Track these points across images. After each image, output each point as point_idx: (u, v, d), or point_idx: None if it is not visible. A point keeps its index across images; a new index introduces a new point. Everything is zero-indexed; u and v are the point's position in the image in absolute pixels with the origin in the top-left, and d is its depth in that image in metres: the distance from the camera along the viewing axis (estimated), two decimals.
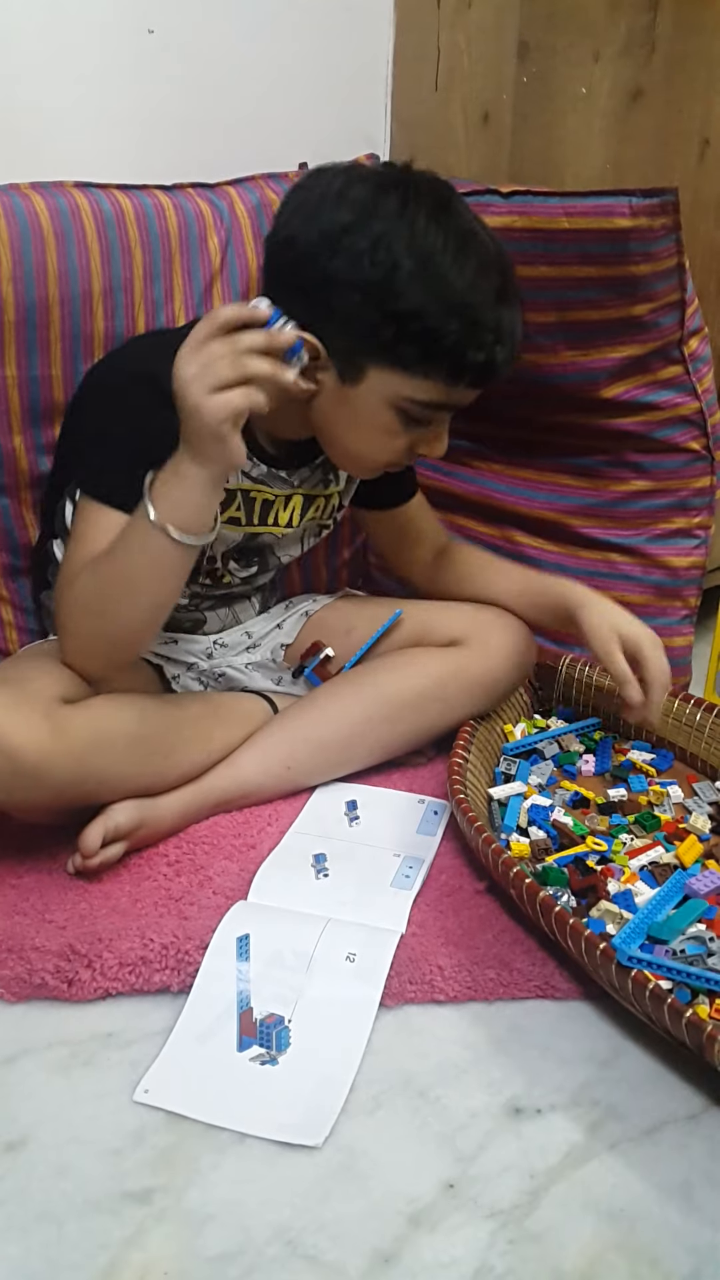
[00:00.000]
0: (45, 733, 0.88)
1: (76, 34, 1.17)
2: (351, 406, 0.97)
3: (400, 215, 0.90)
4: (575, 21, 1.25)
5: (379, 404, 0.96)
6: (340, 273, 0.91)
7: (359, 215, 0.90)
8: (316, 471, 1.10)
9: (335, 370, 0.95)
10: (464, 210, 0.95)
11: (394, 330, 0.91)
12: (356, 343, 0.93)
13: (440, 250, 0.90)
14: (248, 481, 1.05)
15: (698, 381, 1.21)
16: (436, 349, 0.92)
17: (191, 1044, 0.81)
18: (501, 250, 0.96)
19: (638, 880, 0.96)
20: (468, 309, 0.91)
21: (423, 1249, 0.68)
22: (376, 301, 0.90)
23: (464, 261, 0.91)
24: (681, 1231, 0.69)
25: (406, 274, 0.89)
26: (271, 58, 1.31)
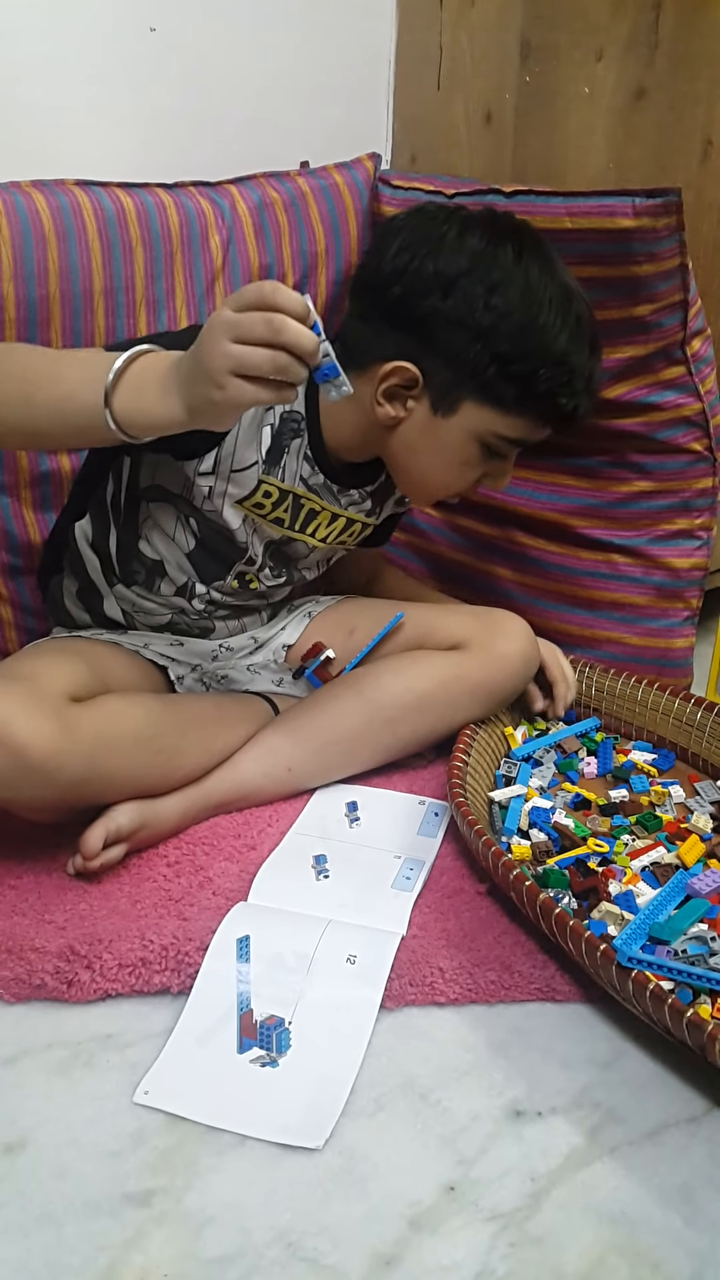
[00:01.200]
0: (54, 731, 0.88)
1: (78, 32, 1.17)
2: (438, 436, 1.01)
3: (516, 265, 0.97)
4: (578, 21, 1.25)
5: (466, 437, 1.01)
6: (452, 312, 0.96)
7: (476, 262, 0.96)
8: (367, 500, 1.11)
9: (429, 401, 1.00)
10: (562, 266, 1.02)
11: (497, 370, 0.97)
12: (457, 378, 0.99)
13: (548, 303, 0.97)
14: (302, 487, 1.06)
15: (700, 382, 1.21)
16: (533, 392, 0.98)
17: (191, 1046, 0.80)
18: (589, 305, 1.02)
19: (639, 881, 0.96)
20: (566, 358, 0.98)
21: (423, 1252, 0.67)
22: (485, 342, 0.96)
23: (566, 315, 0.98)
24: (683, 1234, 0.69)
25: (517, 321, 0.96)
26: (273, 56, 1.31)
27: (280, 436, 1.03)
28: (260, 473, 1.02)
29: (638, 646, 1.30)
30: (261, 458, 1.01)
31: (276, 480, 1.04)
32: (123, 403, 0.80)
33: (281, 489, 1.04)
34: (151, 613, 1.10)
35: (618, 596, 1.30)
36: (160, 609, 1.10)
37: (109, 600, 1.10)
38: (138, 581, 1.09)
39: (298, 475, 1.05)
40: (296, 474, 1.05)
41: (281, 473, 1.04)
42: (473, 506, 1.38)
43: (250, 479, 1.02)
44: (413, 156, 1.43)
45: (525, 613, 1.19)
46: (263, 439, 1.01)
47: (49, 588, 1.16)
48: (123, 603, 1.10)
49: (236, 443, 1.00)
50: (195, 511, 1.03)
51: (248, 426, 1.00)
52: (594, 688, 1.25)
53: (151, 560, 1.07)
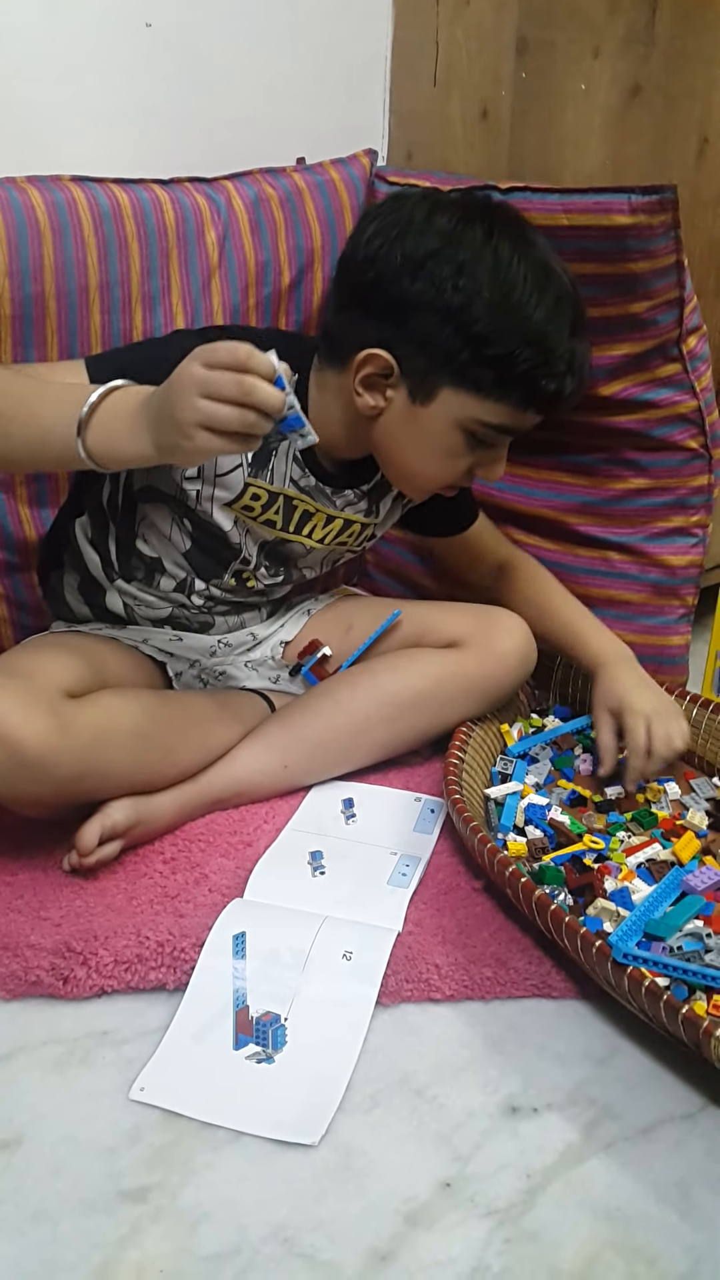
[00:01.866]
0: (49, 727, 0.88)
1: (74, 28, 1.17)
2: (419, 425, 0.99)
3: (485, 244, 0.94)
4: (574, 18, 1.25)
5: (447, 424, 0.98)
6: (422, 295, 0.94)
7: (444, 242, 0.94)
8: (363, 500, 1.10)
9: (406, 389, 0.98)
10: (542, 244, 0.98)
11: (471, 353, 0.94)
12: (432, 363, 0.96)
13: (521, 280, 0.94)
14: (294, 489, 1.05)
15: (696, 380, 1.21)
16: (511, 374, 0.95)
17: (187, 1042, 0.80)
18: (575, 284, 0.99)
19: (635, 878, 0.96)
20: (544, 338, 0.94)
21: (419, 1248, 0.67)
22: (457, 325, 0.94)
23: (543, 293, 0.94)
24: (678, 1230, 0.69)
25: (487, 300, 0.93)
26: (270, 52, 1.31)
27: (267, 439, 1.00)
28: (246, 475, 1.01)
29: (634, 643, 1.29)
30: (246, 461, 1.01)
31: (264, 483, 1.03)
32: (95, 439, 0.83)
33: (270, 491, 1.04)
34: (152, 606, 1.10)
35: (614, 594, 1.30)
36: (160, 603, 1.10)
37: (110, 594, 1.10)
38: (137, 578, 1.09)
39: (287, 477, 1.04)
40: (286, 476, 1.04)
41: (270, 475, 1.03)
42: None
43: (236, 482, 1.01)
44: (409, 153, 1.43)
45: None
46: None
47: (49, 582, 1.16)
48: (124, 596, 1.10)
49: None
50: (189, 512, 1.03)
51: None
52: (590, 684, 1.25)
53: (150, 558, 1.07)
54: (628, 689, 1.10)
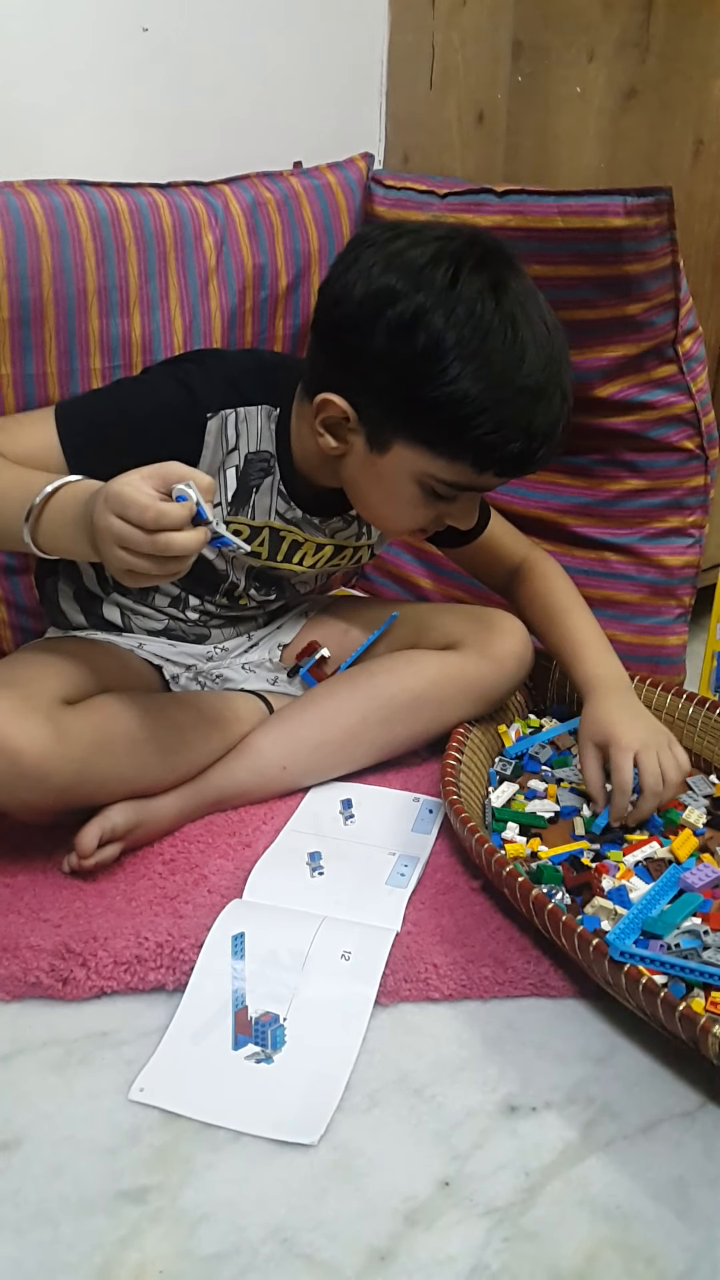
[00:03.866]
0: (47, 735, 0.88)
1: (71, 31, 1.17)
2: (377, 473, 0.96)
3: (448, 290, 0.87)
4: (569, 21, 1.25)
5: (404, 477, 0.95)
6: (376, 345, 0.89)
7: (406, 284, 0.88)
8: (352, 524, 1.10)
9: (364, 436, 0.95)
10: (520, 290, 0.90)
11: (423, 411, 0.89)
12: (385, 416, 0.93)
13: (482, 334, 0.87)
14: (280, 522, 1.05)
15: (692, 381, 1.21)
16: (465, 437, 0.89)
17: (186, 1043, 0.81)
18: (554, 338, 0.92)
19: (632, 876, 0.96)
20: (501, 405, 0.88)
21: (418, 1247, 0.68)
22: (407, 380, 0.88)
23: (508, 350, 0.87)
24: (677, 1229, 0.69)
25: (443, 356, 0.86)
26: (266, 56, 1.31)
27: (247, 478, 1.01)
28: (226, 514, 1.02)
29: (631, 644, 1.30)
30: (226, 501, 1.01)
31: (246, 519, 1.03)
32: (43, 534, 0.84)
33: (253, 526, 1.04)
34: (148, 617, 1.10)
35: (611, 594, 1.30)
36: (156, 615, 1.10)
37: (107, 604, 1.10)
38: (132, 594, 1.09)
39: (272, 511, 1.04)
40: (270, 510, 1.04)
41: (251, 511, 1.03)
42: None
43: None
44: (405, 156, 1.43)
45: None
46: (226, 482, 1.01)
47: (45, 589, 1.16)
48: (120, 607, 1.10)
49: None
50: None
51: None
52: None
53: None
54: (614, 720, 1.02)
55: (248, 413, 1.00)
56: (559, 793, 1.10)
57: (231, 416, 0.98)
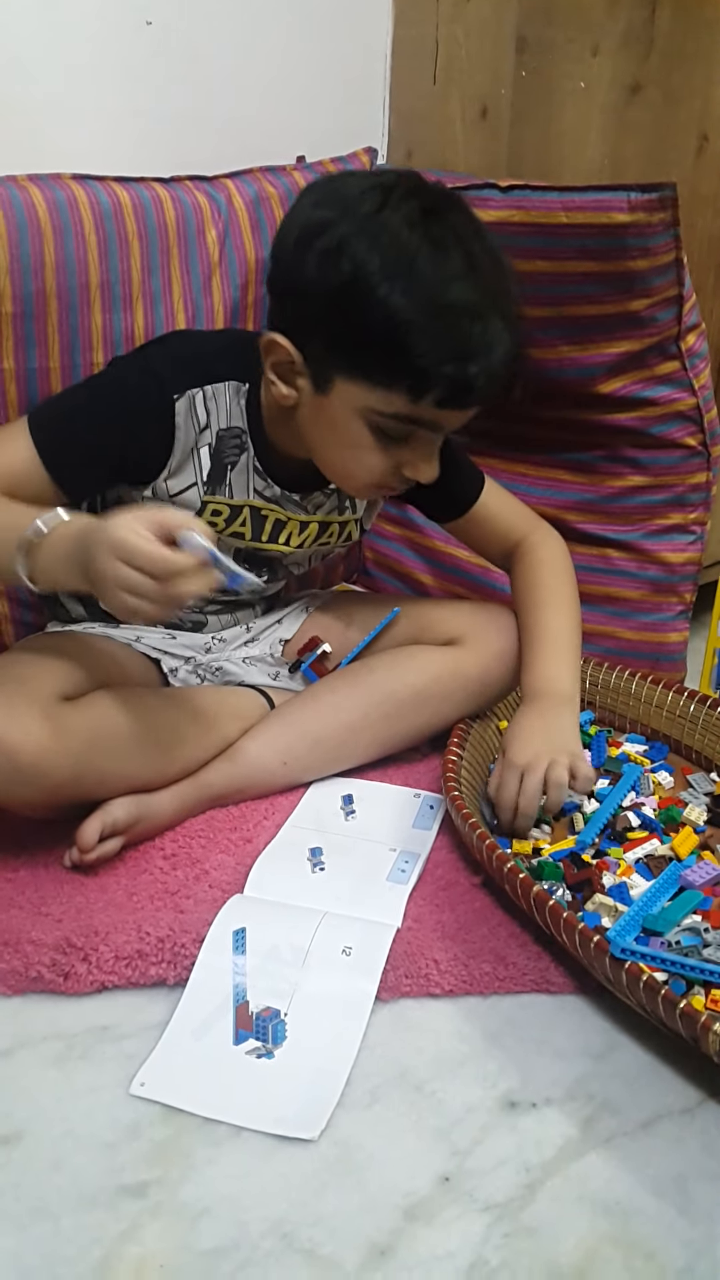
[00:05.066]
0: (44, 732, 0.88)
1: (74, 26, 1.17)
2: (327, 417, 0.95)
3: (373, 216, 0.87)
4: (574, 16, 1.25)
5: (349, 416, 0.93)
6: (308, 276, 0.89)
7: (334, 215, 0.88)
8: (332, 497, 1.10)
9: (309, 378, 0.94)
10: (457, 219, 0.90)
11: (354, 338, 0.88)
12: (323, 349, 0.91)
13: (408, 256, 0.85)
14: (259, 500, 1.05)
15: (694, 377, 1.21)
16: (397, 361, 0.87)
17: (187, 1038, 0.81)
18: (498, 266, 0.91)
19: (633, 873, 0.96)
20: (430, 321, 0.86)
21: (418, 1242, 0.68)
22: (337, 307, 0.87)
23: (435, 270, 0.86)
24: (676, 1225, 0.69)
25: (367, 279, 0.85)
26: (270, 50, 1.31)
27: (220, 455, 1.00)
28: (202, 494, 1.02)
29: (632, 640, 1.30)
30: (201, 480, 1.01)
31: (224, 499, 1.03)
32: (39, 574, 0.86)
33: (232, 505, 1.04)
34: None
35: (612, 591, 1.30)
36: None
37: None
38: None
39: (250, 489, 1.04)
40: (248, 488, 1.04)
41: (228, 490, 1.03)
42: None
43: (192, 500, 1.02)
44: (408, 151, 1.43)
45: None
46: (200, 462, 1.00)
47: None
48: None
49: (168, 475, 1.00)
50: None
51: (179, 458, 0.99)
52: (588, 681, 1.25)
53: None
54: (514, 736, 1.01)
55: (215, 389, 0.99)
56: None
57: (199, 395, 0.98)
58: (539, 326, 1.19)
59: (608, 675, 1.24)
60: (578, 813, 1.06)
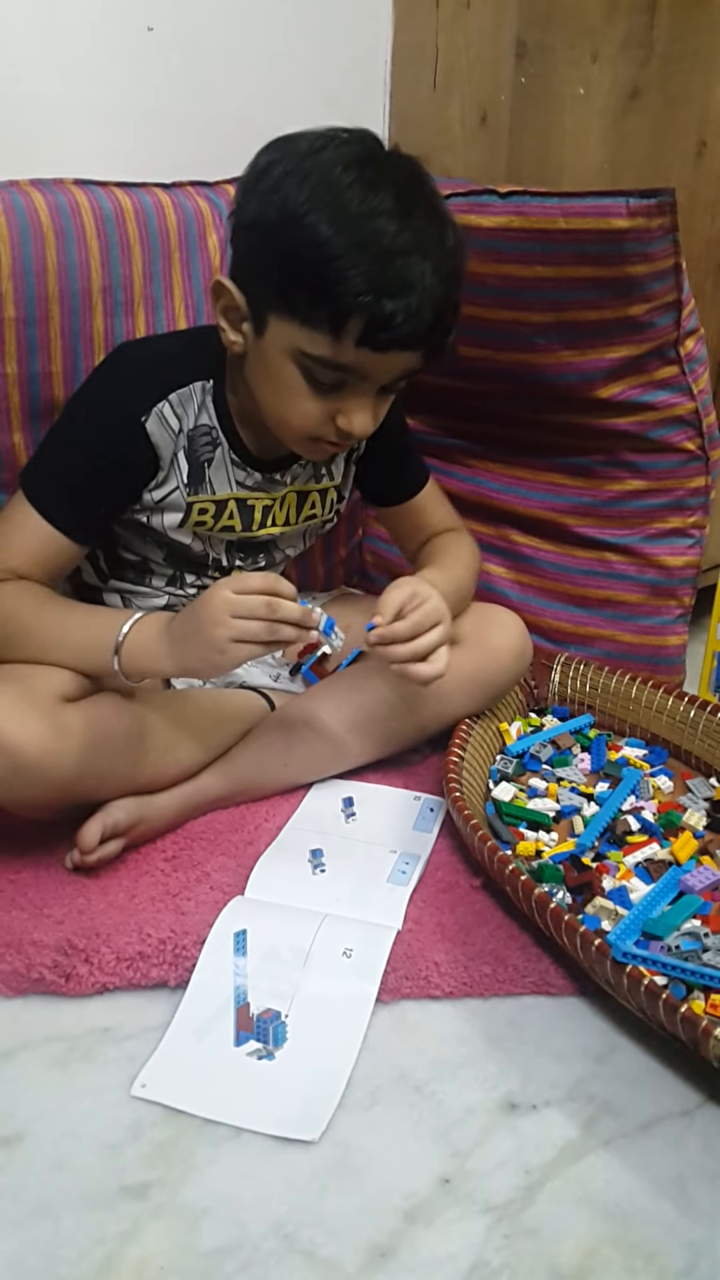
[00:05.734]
0: (46, 732, 0.88)
1: (76, 31, 1.17)
2: (264, 362, 0.94)
3: (310, 155, 0.87)
4: (573, 22, 1.26)
5: (281, 358, 0.92)
6: (248, 218, 0.90)
7: (274, 159, 0.89)
8: (308, 467, 1.10)
9: (251, 322, 0.94)
10: (400, 170, 0.89)
11: (280, 271, 0.88)
12: (259, 288, 0.91)
13: (336, 190, 0.85)
14: (243, 491, 1.05)
15: (693, 382, 1.21)
16: (317, 292, 0.86)
17: (188, 1039, 0.81)
18: (436, 216, 0.90)
19: (633, 877, 0.96)
20: (349, 250, 0.84)
21: (419, 1244, 0.68)
22: (270, 241, 0.88)
23: (361, 205, 0.85)
24: (676, 1226, 0.70)
25: (294, 210, 0.85)
26: (271, 56, 1.31)
27: (195, 454, 1.01)
28: (186, 496, 1.02)
29: (631, 644, 1.31)
30: (183, 482, 1.02)
31: (207, 496, 1.04)
32: (126, 665, 0.94)
33: (216, 501, 1.04)
34: (148, 596, 1.11)
35: (611, 594, 1.31)
36: (156, 593, 1.11)
37: (106, 592, 1.11)
38: (128, 579, 1.10)
39: (231, 482, 1.05)
40: (229, 482, 1.05)
41: (209, 487, 1.04)
42: (468, 505, 1.38)
43: (178, 503, 1.02)
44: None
45: (520, 610, 1.19)
46: (179, 465, 1.01)
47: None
48: (120, 594, 1.11)
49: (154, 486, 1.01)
50: (150, 531, 1.05)
51: (166, 470, 1.00)
52: (588, 685, 1.26)
53: (136, 560, 1.08)
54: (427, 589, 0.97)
55: (180, 395, 1.00)
56: (560, 791, 1.10)
57: (165, 406, 0.99)
58: (538, 331, 1.19)
59: (608, 680, 1.24)
60: (578, 816, 1.06)
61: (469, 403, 1.33)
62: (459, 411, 1.35)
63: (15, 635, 0.96)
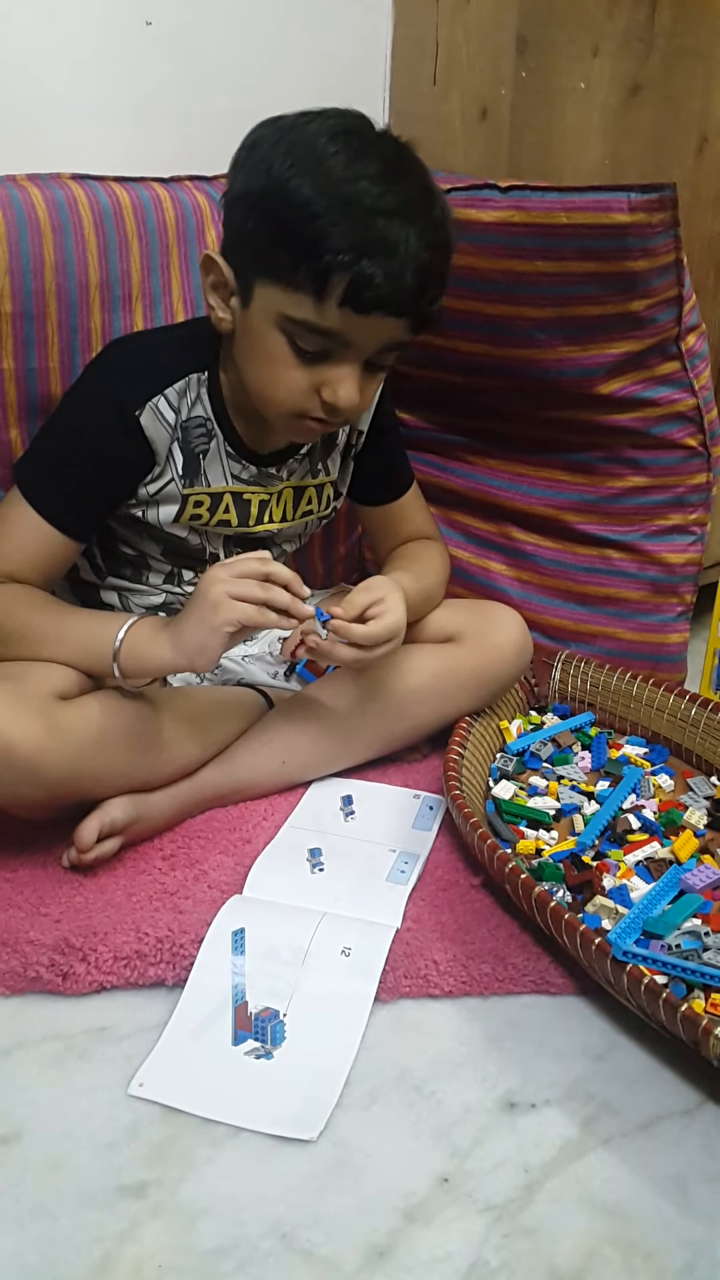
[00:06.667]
0: (41, 730, 0.88)
1: (74, 25, 1.17)
2: (250, 333, 0.94)
3: (294, 128, 0.89)
4: (574, 16, 1.25)
5: (267, 326, 0.92)
6: (235, 191, 0.92)
7: (262, 135, 0.91)
8: (304, 462, 1.10)
9: (239, 294, 0.94)
10: (386, 145, 0.90)
11: (265, 235, 0.88)
12: (245, 257, 0.92)
13: (319, 158, 0.86)
14: (239, 485, 1.05)
15: (695, 378, 1.21)
16: (300, 252, 0.86)
17: (186, 1038, 0.81)
18: (423, 187, 0.91)
19: (633, 875, 0.96)
20: (332, 209, 0.85)
21: (417, 1243, 0.68)
22: (256, 207, 0.89)
23: (345, 168, 0.86)
24: (676, 1226, 0.69)
25: (279, 175, 0.87)
26: (270, 51, 1.31)
27: (189, 446, 1.01)
28: (181, 488, 1.02)
29: (632, 642, 1.30)
30: (178, 474, 1.02)
31: (202, 488, 1.03)
32: (125, 664, 0.94)
33: (211, 494, 1.04)
34: (145, 594, 1.11)
35: (612, 591, 1.30)
36: (153, 590, 1.11)
37: (103, 589, 1.11)
38: (125, 576, 1.10)
39: (226, 475, 1.04)
40: (224, 475, 1.04)
41: (204, 479, 1.03)
42: (468, 502, 1.38)
43: (173, 495, 1.02)
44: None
45: (520, 608, 1.19)
46: (174, 457, 1.01)
47: None
48: (117, 591, 1.11)
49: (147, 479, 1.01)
50: (147, 527, 1.04)
51: (161, 464, 1.01)
52: (588, 683, 1.25)
53: (133, 556, 1.08)
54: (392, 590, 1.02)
55: (175, 388, 1.00)
56: (560, 790, 1.10)
57: (160, 401, 0.99)
58: (539, 326, 1.19)
59: (608, 678, 1.24)
60: (578, 814, 1.06)
61: (469, 398, 1.32)
62: (459, 407, 1.35)
63: (12, 638, 0.96)
